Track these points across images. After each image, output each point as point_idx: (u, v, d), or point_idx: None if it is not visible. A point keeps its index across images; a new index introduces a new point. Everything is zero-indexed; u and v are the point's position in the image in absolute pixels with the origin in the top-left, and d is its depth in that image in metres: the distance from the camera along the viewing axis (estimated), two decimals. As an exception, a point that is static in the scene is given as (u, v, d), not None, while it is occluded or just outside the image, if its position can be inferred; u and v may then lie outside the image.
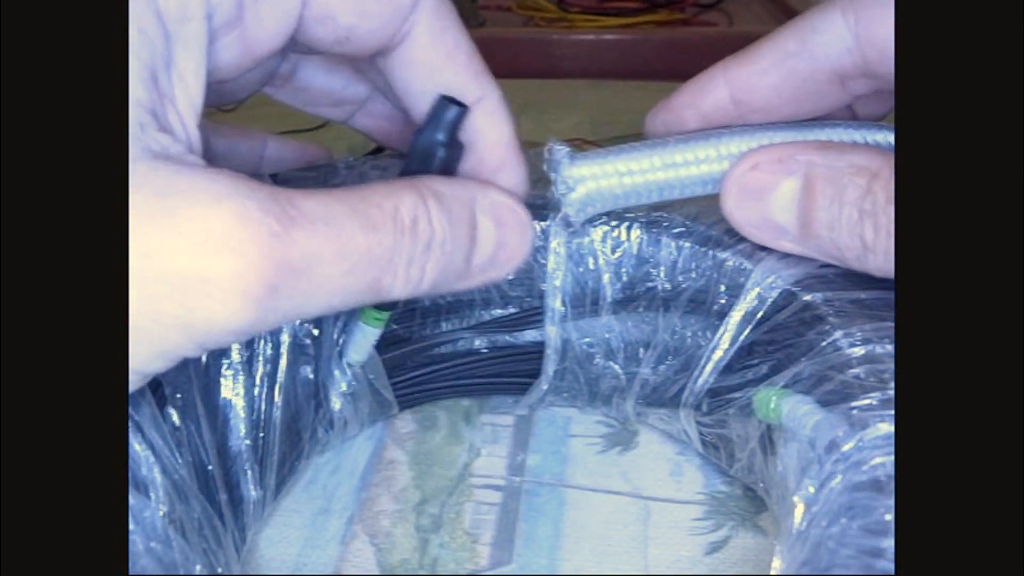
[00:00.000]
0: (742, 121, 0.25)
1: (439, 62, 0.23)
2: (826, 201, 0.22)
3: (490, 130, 0.23)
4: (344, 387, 0.29)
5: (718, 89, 0.25)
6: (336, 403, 0.29)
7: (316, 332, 0.27)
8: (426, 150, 0.23)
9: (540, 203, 0.28)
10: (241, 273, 0.16)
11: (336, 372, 0.28)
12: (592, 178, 0.24)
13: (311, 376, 0.28)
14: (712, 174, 0.24)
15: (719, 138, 0.24)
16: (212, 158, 0.27)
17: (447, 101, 0.23)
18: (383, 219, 0.19)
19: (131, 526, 0.18)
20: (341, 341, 0.28)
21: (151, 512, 0.19)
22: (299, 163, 0.32)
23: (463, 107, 0.23)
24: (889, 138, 0.24)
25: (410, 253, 0.19)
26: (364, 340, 0.28)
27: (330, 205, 0.18)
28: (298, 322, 0.27)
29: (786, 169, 0.22)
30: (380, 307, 0.27)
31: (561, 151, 0.24)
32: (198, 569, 0.20)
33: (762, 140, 0.24)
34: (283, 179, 0.29)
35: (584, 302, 0.29)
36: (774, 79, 0.24)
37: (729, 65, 0.25)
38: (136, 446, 0.20)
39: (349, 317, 0.28)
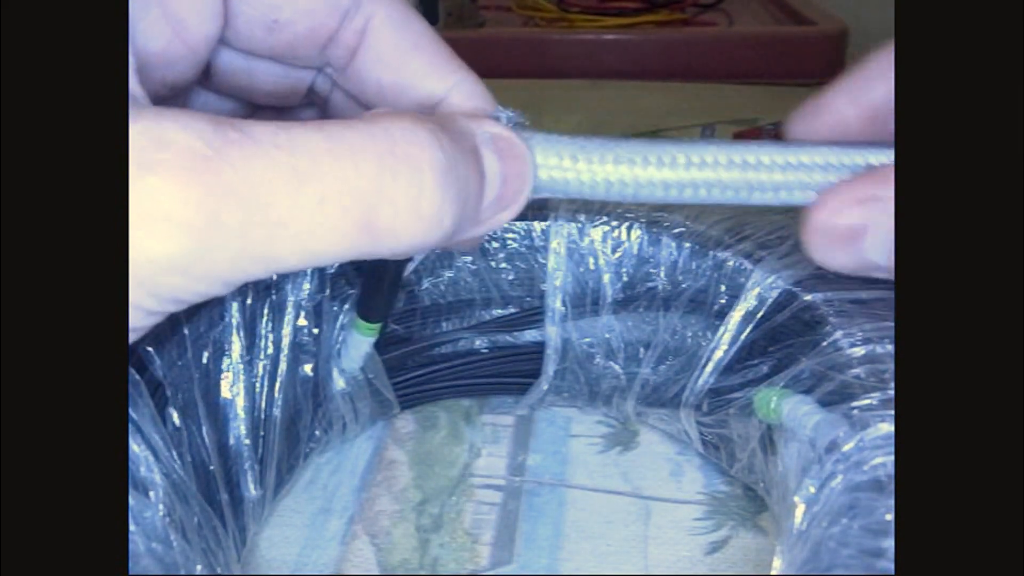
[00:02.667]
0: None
1: (407, 53, 0.22)
2: None
3: (476, 111, 0.22)
4: (343, 385, 0.29)
5: (888, 80, 0.21)
6: (336, 402, 0.29)
7: (316, 331, 0.28)
8: None
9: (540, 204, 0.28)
10: (162, 196, 0.14)
11: (335, 371, 0.28)
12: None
13: (311, 375, 0.28)
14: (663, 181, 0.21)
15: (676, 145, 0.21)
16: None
17: None
18: (363, 142, 0.16)
19: (131, 527, 0.18)
20: (340, 340, 0.28)
21: (151, 513, 0.19)
22: None
23: None
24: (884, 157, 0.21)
25: (415, 178, 0.16)
26: (356, 349, 0.28)
27: (291, 130, 0.16)
28: (299, 316, 0.27)
29: (872, 209, 0.20)
30: (370, 319, 0.27)
31: (515, 124, 0.21)
32: (198, 569, 0.20)
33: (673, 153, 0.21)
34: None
35: (584, 302, 0.29)
36: None
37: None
38: (135, 447, 0.20)
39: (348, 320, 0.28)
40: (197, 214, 0.15)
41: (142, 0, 0.19)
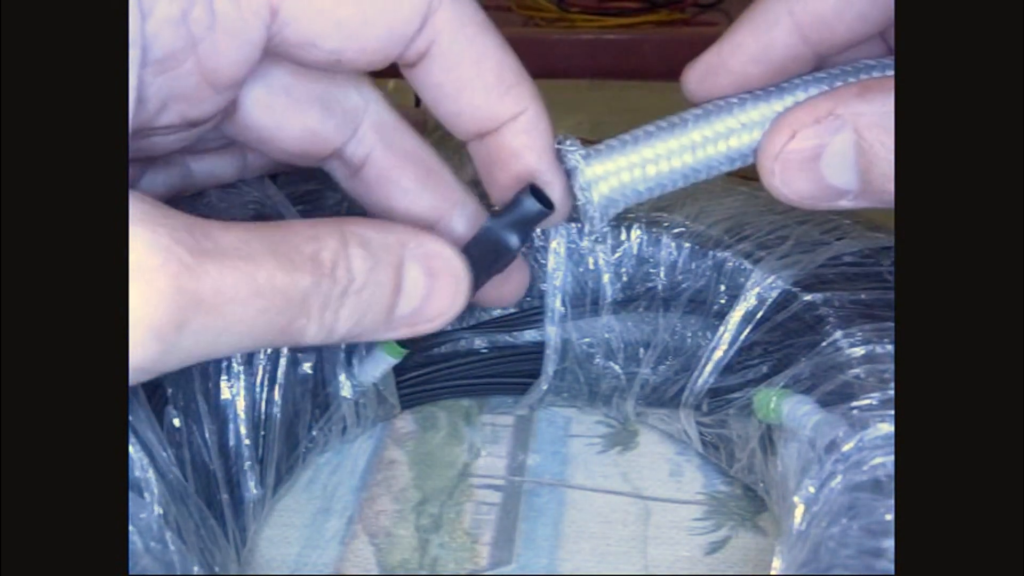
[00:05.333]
0: (817, 64, 0.22)
1: (465, 80, 0.22)
2: (886, 152, 0.19)
3: (529, 147, 0.22)
4: (348, 394, 0.29)
5: (783, 31, 0.21)
6: (338, 405, 0.29)
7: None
8: (497, 242, 0.22)
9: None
10: (150, 303, 0.15)
11: (341, 376, 0.28)
12: (610, 175, 0.21)
13: (312, 376, 0.28)
14: (740, 148, 0.21)
15: (741, 106, 0.21)
16: (187, 176, 0.27)
17: (533, 194, 0.21)
18: (302, 261, 0.18)
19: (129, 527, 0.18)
20: (346, 348, 0.28)
21: (147, 513, 0.19)
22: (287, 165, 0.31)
23: (548, 208, 0.21)
24: None
25: (326, 298, 0.18)
26: (376, 366, 0.28)
27: (249, 241, 0.17)
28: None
29: (829, 128, 0.19)
30: (403, 343, 0.26)
31: (574, 153, 0.22)
32: (195, 570, 0.20)
33: (786, 101, 0.21)
34: (284, 180, 0.29)
35: (584, 302, 0.29)
36: (859, 5, 0.20)
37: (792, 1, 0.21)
38: (131, 448, 0.20)
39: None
40: (169, 322, 0.16)
41: (169, 51, 0.19)
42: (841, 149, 0.20)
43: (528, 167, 0.22)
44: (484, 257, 0.22)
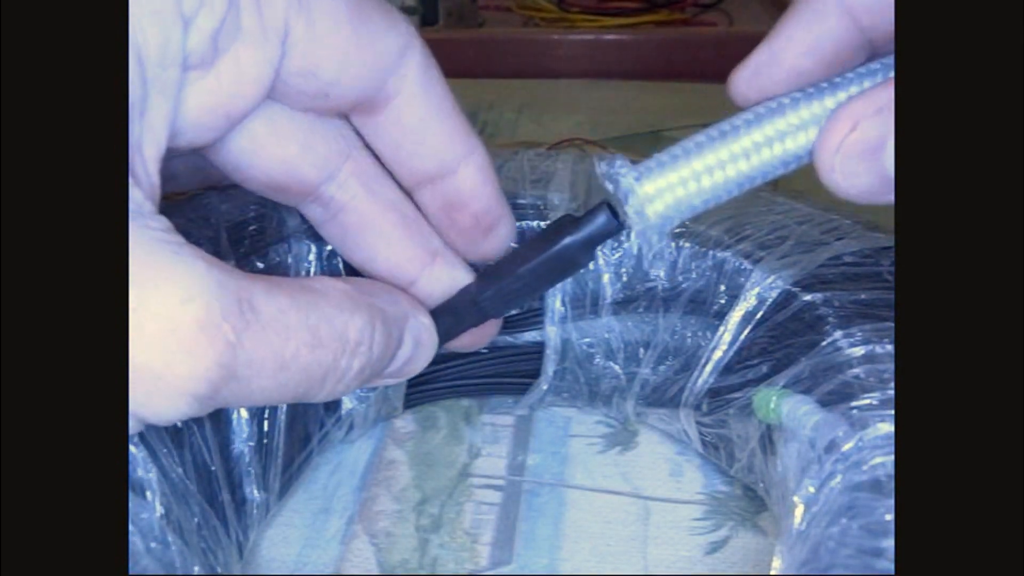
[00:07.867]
0: (872, 54, 0.21)
1: (430, 119, 0.23)
2: None
3: (485, 186, 0.23)
4: (351, 400, 0.29)
5: (834, 19, 0.20)
6: (347, 405, 0.29)
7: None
8: (572, 258, 0.22)
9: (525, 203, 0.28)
10: (195, 375, 0.16)
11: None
12: (664, 192, 0.20)
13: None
14: (796, 150, 0.20)
15: (793, 105, 0.20)
16: (182, 174, 0.26)
17: (610, 213, 0.21)
18: (330, 337, 0.19)
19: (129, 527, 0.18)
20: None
21: (148, 513, 0.19)
22: None
23: (621, 226, 0.21)
24: None
25: (343, 372, 0.19)
26: None
27: (287, 312, 0.18)
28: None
29: (891, 118, 0.18)
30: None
31: (626, 175, 0.20)
32: (196, 570, 0.20)
33: (839, 97, 0.20)
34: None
35: (584, 302, 0.29)
36: None
37: None
38: (132, 448, 0.20)
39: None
40: (208, 391, 0.16)
41: (196, 63, 0.19)
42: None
43: (486, 205, 0.24)
44: (556, 271, 0.23)
